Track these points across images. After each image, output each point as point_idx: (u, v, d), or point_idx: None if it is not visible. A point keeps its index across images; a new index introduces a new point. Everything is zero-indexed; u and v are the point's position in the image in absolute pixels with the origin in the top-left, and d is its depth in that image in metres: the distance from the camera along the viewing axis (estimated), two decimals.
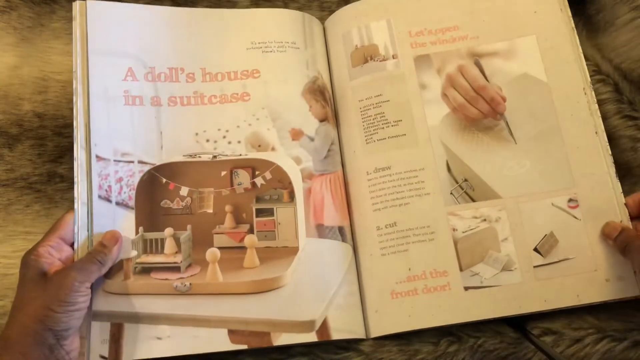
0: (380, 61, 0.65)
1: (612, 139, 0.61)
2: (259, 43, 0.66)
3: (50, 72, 0.69)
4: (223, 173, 0.66)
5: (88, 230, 0.57)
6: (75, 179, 0.58)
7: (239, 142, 0.64)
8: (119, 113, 0.62)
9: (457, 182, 0.61)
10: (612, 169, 0.59)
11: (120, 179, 0.60)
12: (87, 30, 0.62)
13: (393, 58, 0.65)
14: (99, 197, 0.59)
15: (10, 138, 0.66)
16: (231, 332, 0.55)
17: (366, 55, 0.66)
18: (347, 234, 0.62)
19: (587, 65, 0.63)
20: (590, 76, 0.62)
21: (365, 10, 0.67)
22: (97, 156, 0.59)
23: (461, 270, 0.58)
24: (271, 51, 0.66)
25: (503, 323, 0.58)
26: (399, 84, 0.64)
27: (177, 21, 0.66)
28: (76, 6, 0.63)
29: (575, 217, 0.59)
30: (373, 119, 0.63)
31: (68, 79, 0.68)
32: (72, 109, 0.61)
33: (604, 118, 0.61)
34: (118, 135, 0.61)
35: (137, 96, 0.63)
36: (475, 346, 0.57)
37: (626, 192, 0.59)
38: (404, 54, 0.65)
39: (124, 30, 0.64)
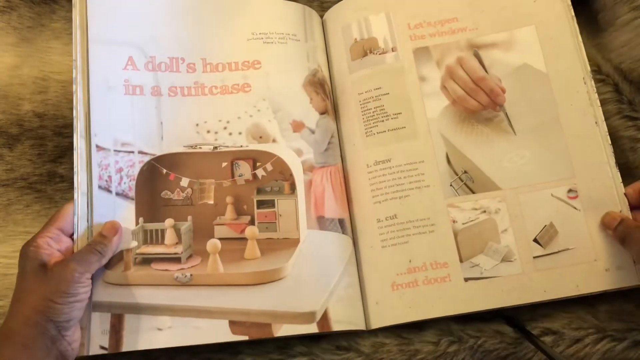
0: (379, 54, 0.65)
1: (611, 139, 0.60)
2: (260, 34, 0.66)
3: (50, 72, 0.69)
4: (224, 164, 0.66)
5: (88, 221, 0.57)
6: (75, 169, 0.58)
7: (239, 133, 0.64)
8: (119, 103, 0.61)
9: (456, 174, 0.61)
10: (612, 159, 0.59)
11: (120, 169, 0.60)
12: (87, 19, 0.62)
13: (392, 51, 0.65)
14: (99, 187, 0.58)
15: (10, 138, 0.66)
16: (232, 323, 0.55)
17: (365, 49, 0.66)
18: (347, 226, 0.62)
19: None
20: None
21: (364, 4, 0.67)
22: (97, 146, 0.59)
23: (461, 261, 0.58)
24: (272, 42, 0.66)
25: (503, 323, 0.58)
26: (399, 77, 0.64)
27: (178, 8, 0.66)
28: None
29: (575, 208, 0.59)
30: (373, 112, 0.64)
31: (68, 78, 0.68)
32: (72, 109, 0.60)
33: (604, 118, 0.61)
34: (118, 125, 0.60)
35: (137, 85, 0.62)
36: (475, 346, 0.57)
37: None
38: (403, 46, 0.65)
39: (124, 18, 0.64)
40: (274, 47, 0.66)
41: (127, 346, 0.55)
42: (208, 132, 0.63)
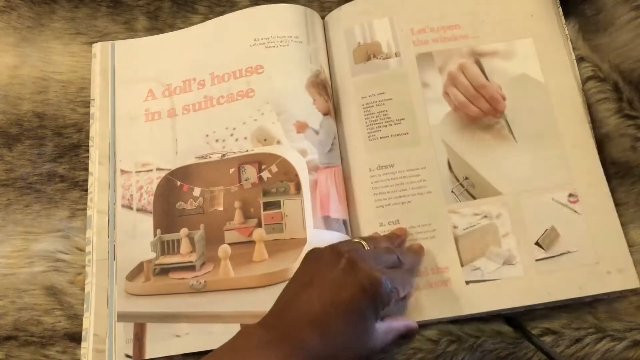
0: (383, 59, 0.66)
1: (611, 138, 0.61)
2: (262, 39, 0.67)
3: (50, 72, 0.69)
4: (231, 170, 0.67)
5: (109, 236, 0.60)
6: (90, 189, 0.63)
7: (245, 138, 0.64)
8: (139, 130, 0.66)
9: (458, 180, 0.62)
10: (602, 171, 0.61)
11: (140, 187, 0.62)
12: (112, 65, 0.69)
13: (396, 56, 0.66)
14: (122, 205, 0.62)
15: (10, 138, 0.67)
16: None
17: (369, 53, 0.66)
18: (349, 227, 0.62)
19: (586, 65, 0.64)
20: (590, 76, 0.63)
21: (367, 8, 0.68)
22: (121, 170, 0.64)
23: (462, 265, 0.59)
24: (274, 46, 0.67)
25: (503, 322, 0.58)
26: (402, 83, 0.65)
27: (189, 40, 0.70)
28: (97, 46, 0.69)
29: (576, 212, 0.60)
30: (376, 117, 0.64)
31: (68, 79, 0.69)
32: (72, 109, 0.67)
33: (604, 117, 0.62)
34: (139, 150, 0.65)
35: (155, 112, 0.67)
36: (474, 346, 0.56)
37: (626, 192, 0.61)
38: (406, 51, 0.66)
39: (145, 59, 0.70)
40: (276, 50, 0.67)
41: (149, 354, 0.56)
42: (217, 141, 0.64)
